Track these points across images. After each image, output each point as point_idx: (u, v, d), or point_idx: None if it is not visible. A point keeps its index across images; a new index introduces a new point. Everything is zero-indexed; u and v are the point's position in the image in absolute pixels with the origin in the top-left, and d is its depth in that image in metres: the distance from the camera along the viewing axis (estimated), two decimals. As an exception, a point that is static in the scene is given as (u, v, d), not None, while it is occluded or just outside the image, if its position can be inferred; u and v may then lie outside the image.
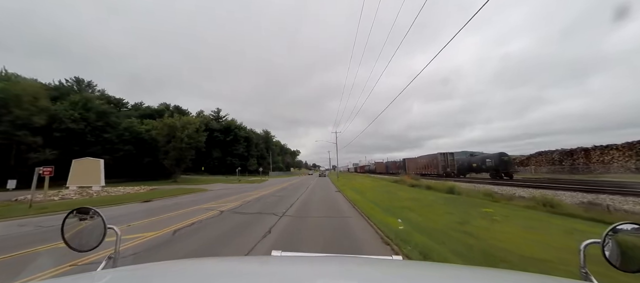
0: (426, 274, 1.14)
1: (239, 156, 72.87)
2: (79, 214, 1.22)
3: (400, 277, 1.04)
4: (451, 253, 4.94)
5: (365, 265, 1.28)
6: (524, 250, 5.03)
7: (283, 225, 7.88)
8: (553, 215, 8.71)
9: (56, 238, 5.45)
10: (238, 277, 1.04)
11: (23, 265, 4.67)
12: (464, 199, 13.72)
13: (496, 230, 6.67)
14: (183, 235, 6.76)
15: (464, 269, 1.39)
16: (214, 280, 0.98)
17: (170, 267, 1.20)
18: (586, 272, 0.96)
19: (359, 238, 6.42)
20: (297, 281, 0.96)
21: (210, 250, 5.54)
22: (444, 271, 1.24)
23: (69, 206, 12.04)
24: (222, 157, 70.21)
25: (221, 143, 70.83)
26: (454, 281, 1.01)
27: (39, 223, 8.76)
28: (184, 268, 1.16)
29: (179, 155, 38.03)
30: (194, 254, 5.29)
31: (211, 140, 70.46)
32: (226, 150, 71.29)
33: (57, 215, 10.14)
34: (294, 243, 5.97)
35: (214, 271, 1.16)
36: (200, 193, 20.84)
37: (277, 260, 1.34)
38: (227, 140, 71.16)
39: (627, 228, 0.93)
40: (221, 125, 73.63)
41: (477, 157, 32.46)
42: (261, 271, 1.17)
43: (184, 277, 1.02)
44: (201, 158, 68.11)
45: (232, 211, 10.94)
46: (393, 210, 10.36)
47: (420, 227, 7.18)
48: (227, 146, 71.57)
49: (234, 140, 72.33)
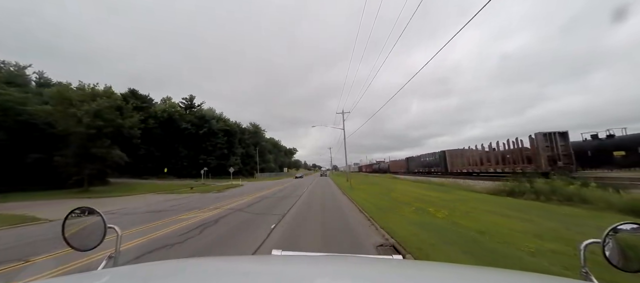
0: (426, 274, 1.11)
1: (219, 154, 57.39)
2: (79, 214, 1.21)
3: (400, 277, 1.02)
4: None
5: (365, 265, 1.28)
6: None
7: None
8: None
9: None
10: (238, 276, 1.02)
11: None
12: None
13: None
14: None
15: (464, 269, 1.36)
16: (214, 279, 0.98)
17: (170, 267, 1.19)
18: (586, 272, 0.95)
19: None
20: (297, 280, 0.96)
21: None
22: (444, 270, 1.21)
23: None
24: (193, 155, 54.64)
25: (193, 138, 55.31)
26: (454, 280, 0.99)
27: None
28: (184, 267, 1.16)
29: (80, 147, 22.37)
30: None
31: (178, 134, 54.89)
32: (199, 147, 55.75)
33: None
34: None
35: (214, 270, 1.15)
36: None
37: (277, 259, 1.36)
38: (201, 134, 55.60)
39: (628, 228, 0.91)
40: (194, 116, 58.02)
41: (614, 140, 17.55)
42: (262, 270, 1.15)
43: (184, 277, 1.01)
44: (164, 158, 52.60)
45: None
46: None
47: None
48: (201, 141, 56.03)
49: (209, 133, 56.78)
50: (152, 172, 49.01)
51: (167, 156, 53.10)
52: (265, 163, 79.82)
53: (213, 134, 57.53)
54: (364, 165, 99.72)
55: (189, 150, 54.68)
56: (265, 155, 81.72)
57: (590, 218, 7.30)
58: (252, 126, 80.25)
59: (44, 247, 5.95)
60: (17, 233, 7.84)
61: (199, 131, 55.45)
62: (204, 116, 58.20)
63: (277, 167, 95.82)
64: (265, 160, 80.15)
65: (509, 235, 5.67)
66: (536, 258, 4.28)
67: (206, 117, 58.21)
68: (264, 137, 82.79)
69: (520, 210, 8.78)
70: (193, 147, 55.23)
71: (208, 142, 56.44)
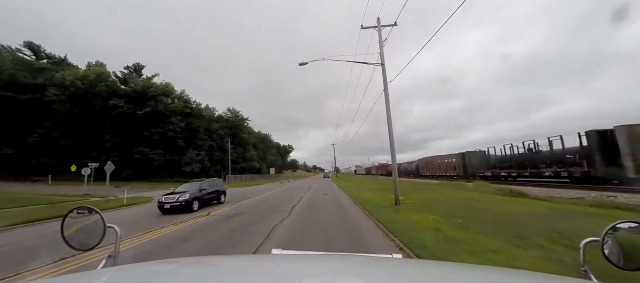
0: (426, 273, 1.09)
1: (169, 146, 39.29)
2: (78, 213, 1.20)
3: (399, 276, 1.01)
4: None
5: (364, 263, 1.27)
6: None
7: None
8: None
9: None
10: (238, 275, 1.00)
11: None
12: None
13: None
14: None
15: (463, 267, 1.34)
16: (214, 278, 0.96)
17: (169, 266, 1.17)
18: (586, 270, 0.94)
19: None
20: (297, 279, 0.95)
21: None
22: (444, 269, 1.19)
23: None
24: (127, 147, 36.38)
25: (128, 120, 37.10)
26: (454, 280, 0.98)
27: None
28: (184, 267, 1.15)
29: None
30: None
31: (104, 115, 36.70)
32: (139, 135, 37.54)
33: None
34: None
35: (214, 269, 1.14)
36: None
37: (277, 258, 1.34)
38: (140, 116, 37.37)
39: (627, 226, 0.91)
40: (131, 90, 39.63)
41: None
42: (261, 269, 1.13)
43: (183, 276, 1.01)
44: (78, 149, 34.50)
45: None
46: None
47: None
48: (141, 126, 37.82)
49: (155, 116, 38.60)
50: (55, 169, 30.87)
51: (83, 146, 34.87)
52: (247, 161, 61.60)
53: (160, 117, 39.31)
54: (376, 166, 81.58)
55: (120, 138, 36.44)
56: (248, 152, 63.30)
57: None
58: (230, 113, 61.85)
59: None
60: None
61: (138, 112, 37.24)
62: (148, 92, 39.82)
63: (265, 167, 77.56)
64: (247, 157, 61.91)
65: None
66: None
67: (152, 92, 39.93)
68: (244, 127, 64.11)
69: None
70: (127, 135, 37.01)
71: (154, 128, 38.27)
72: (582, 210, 8.22)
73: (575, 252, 7.31)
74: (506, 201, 11.15)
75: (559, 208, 8.65)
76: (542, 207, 9.22)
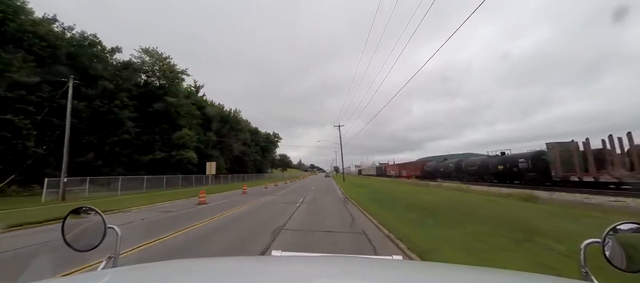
0: (425, 274, 1.09)
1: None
2: (79, 214, 1.17)
3: (399, 277, 1.01)
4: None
5: (364, 265, 1.25)
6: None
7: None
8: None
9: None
10: (238, 276, 1.00)
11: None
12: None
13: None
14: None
15: (463, 269, 1.31)
16: (214, 279, 0.96)
17: (169, 267, 1.16)
18: (586, 272, 0.94)
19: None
20: (297, 280, 0.94)
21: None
22: (443, 271, 1.18)
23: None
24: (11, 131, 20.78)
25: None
26: (453, 281, 0.97)
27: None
28: (184, 267, 1.12)
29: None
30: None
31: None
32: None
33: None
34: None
35: (214, 270, 1.12)
36: None
37: (277, 260, 1.33)
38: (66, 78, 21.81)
39: (628, 228, 0.90)
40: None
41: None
42: (262, 270, 1.13)
43: (183, 277, 0.99)
44: None
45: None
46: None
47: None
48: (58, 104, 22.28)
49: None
50: None
51: None
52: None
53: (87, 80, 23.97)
54: (389, 165, 69.91)
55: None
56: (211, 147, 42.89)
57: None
58: (193, 87, 43.39)
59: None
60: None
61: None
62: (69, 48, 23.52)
63: (251, 165, 63.19)
64: (209, 154, 46.80)
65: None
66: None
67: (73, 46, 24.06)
68: (204, 103, 44.35)
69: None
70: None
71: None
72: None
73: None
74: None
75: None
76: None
